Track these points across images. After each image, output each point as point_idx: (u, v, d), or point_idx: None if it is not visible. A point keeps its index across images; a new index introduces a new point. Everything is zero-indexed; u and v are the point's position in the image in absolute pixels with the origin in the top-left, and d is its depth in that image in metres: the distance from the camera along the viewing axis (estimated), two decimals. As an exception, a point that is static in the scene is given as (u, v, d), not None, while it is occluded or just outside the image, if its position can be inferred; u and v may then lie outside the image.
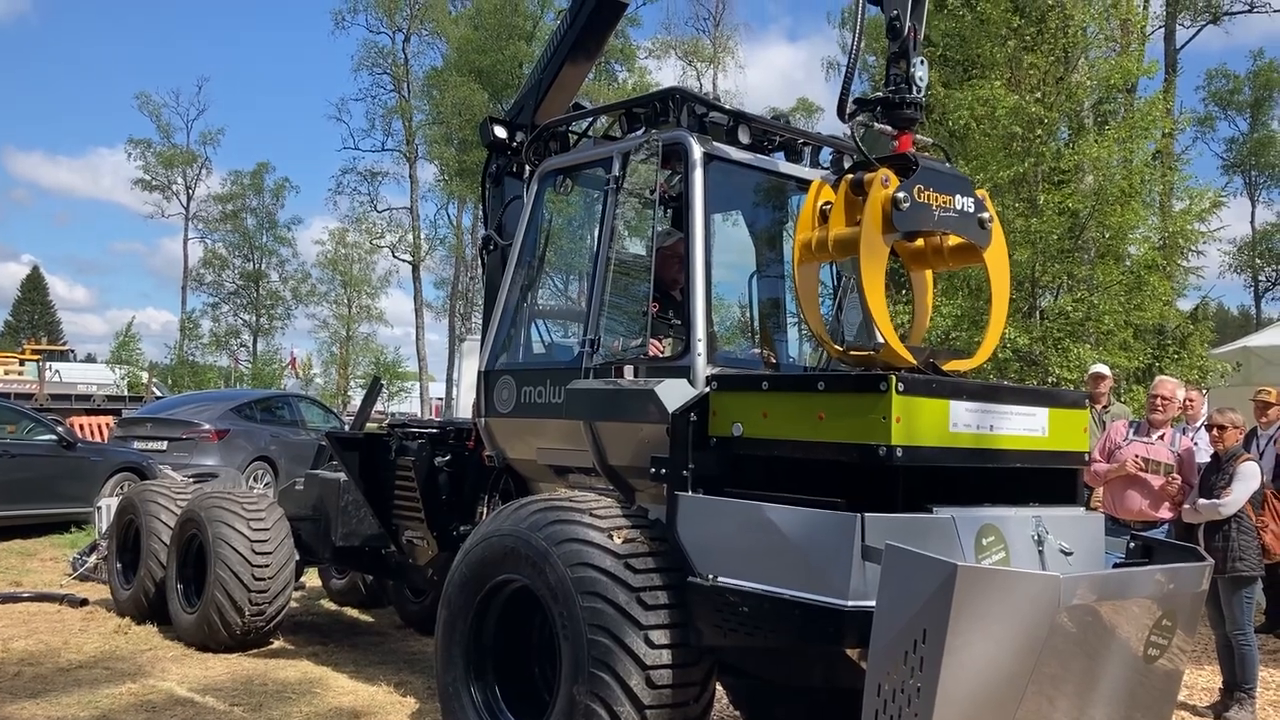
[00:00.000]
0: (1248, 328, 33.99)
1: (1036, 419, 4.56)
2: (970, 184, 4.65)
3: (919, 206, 4.34)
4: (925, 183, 4.39)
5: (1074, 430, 4.73)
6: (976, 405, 4.30)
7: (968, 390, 4.35)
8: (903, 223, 4.32)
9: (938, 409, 4.13)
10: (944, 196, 4.46)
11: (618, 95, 37.74)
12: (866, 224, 4.29)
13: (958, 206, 4.52)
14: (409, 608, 8.26)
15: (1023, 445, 4.50)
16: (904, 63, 4.54)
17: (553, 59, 6.49)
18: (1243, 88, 45.12)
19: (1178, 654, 4.15)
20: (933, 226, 4.48)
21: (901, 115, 4.58)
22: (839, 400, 4.16)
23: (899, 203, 4.27)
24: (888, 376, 4.01)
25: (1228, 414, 6.70)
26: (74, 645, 7.22)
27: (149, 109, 54.84)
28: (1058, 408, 4.68)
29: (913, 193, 4.31)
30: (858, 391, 4.12)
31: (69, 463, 12.71)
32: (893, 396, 3.95)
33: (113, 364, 39.25)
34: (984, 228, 4.62)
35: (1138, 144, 14.45)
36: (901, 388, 3.99)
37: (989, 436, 4.34)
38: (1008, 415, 4.45)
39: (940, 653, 3.27)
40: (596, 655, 4.10)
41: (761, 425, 4.40)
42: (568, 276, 6.90)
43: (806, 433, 4.21)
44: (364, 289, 54.78)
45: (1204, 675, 7.03)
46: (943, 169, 4.57)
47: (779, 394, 4.42)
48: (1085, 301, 13.87)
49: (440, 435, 6.65)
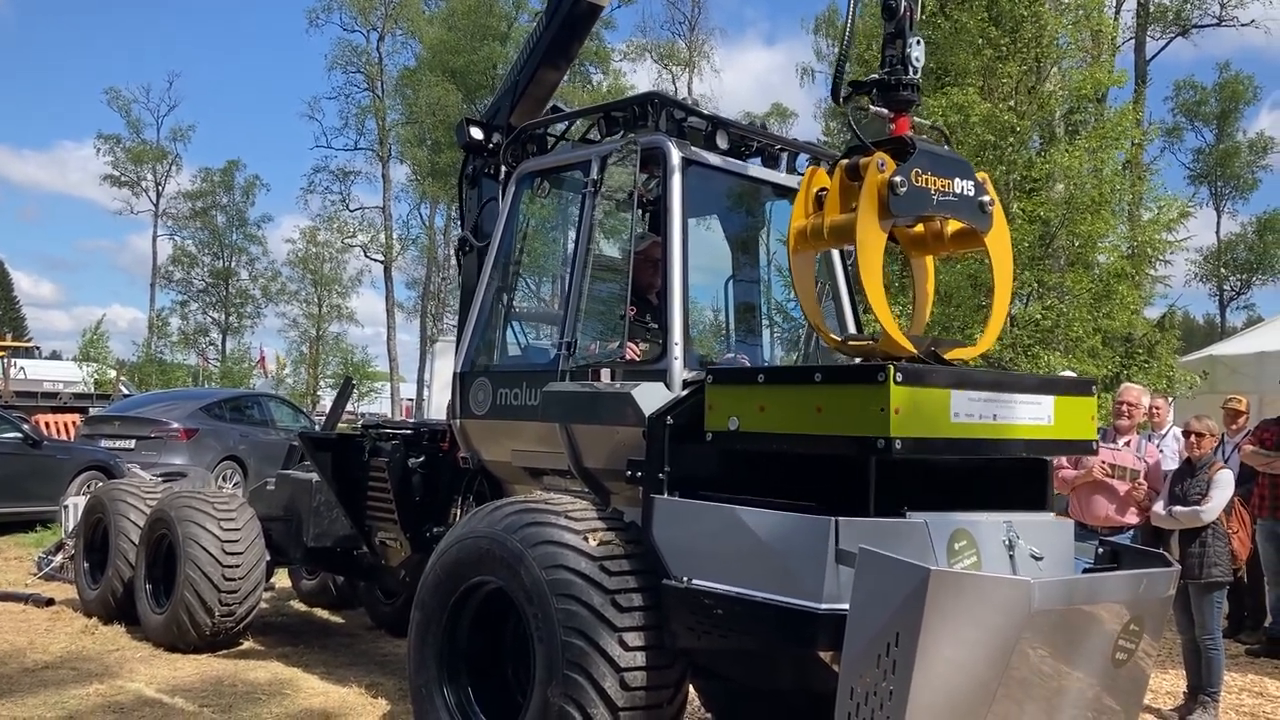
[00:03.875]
0: (1213, 336, 34.45)
1: (1042, 408, 4.46)
2: (970, 167, 4.54)
3: (917, 190, 4.24)
4: (923, 166, 4.28)
5: (1081, 419, 4.62)
6: (980, 395, 4.19)
7: (970, 379, 4.25)
8: (900, 207, 4.21)
9: (938, 399, 4.03)
10: (943, 180, 4.35)
11: (593, 98, 37.73)
12: (863, 209, 4.18)
13: (957, 190, 4.41)
14: (380, 609, 8.23)
15: (1029, 434, 4.40)
16: (900, 43, 4.42)
17: (528, 61, 6.49)
18: (1209, 99, 45.74)
19: (1145, 658, 4.20)
20: (931, 211, 4.38)
21: (898, 97, 4.44)
22: (837, 392, 4.06)
23: (896, 187, 4.16)
24: (886, 367, 3.91)
25: (1205, 421, 6.77)
26: (40, 645, 7.15)
27: (119, 104, 54.37)
28: (1065, 395, 4.58)
29: (910, 176, 4.21)
30: (855, 383, 4.01)
31: (35, 461, 12.58)
32: (891, 387, 3.85)
33: (80, 361, 38.76)
34: (985, 211, 4.52)
35: (1108, 154, 14.63)
36: (900, 378, 3.88)
37: (994, 426, 4.24)
38: (1013, 404, 4.34)
39: (913, 656, 3.30)
40: (570, 657, 4.11)
41: (759, 419, 4.28)
42: (544, 279, 6.90)
43: (804, 426, 4.10)
44: (335, 288, 54.45)
45: (1168, 679, 7.12)
46: (941, 152, 4.46)
47: (776, 387, 4.32)
48: (1055, 309, 14.02)
49: (414, 436, 6.64)
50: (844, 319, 6.04)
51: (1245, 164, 46.27)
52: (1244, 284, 47.31)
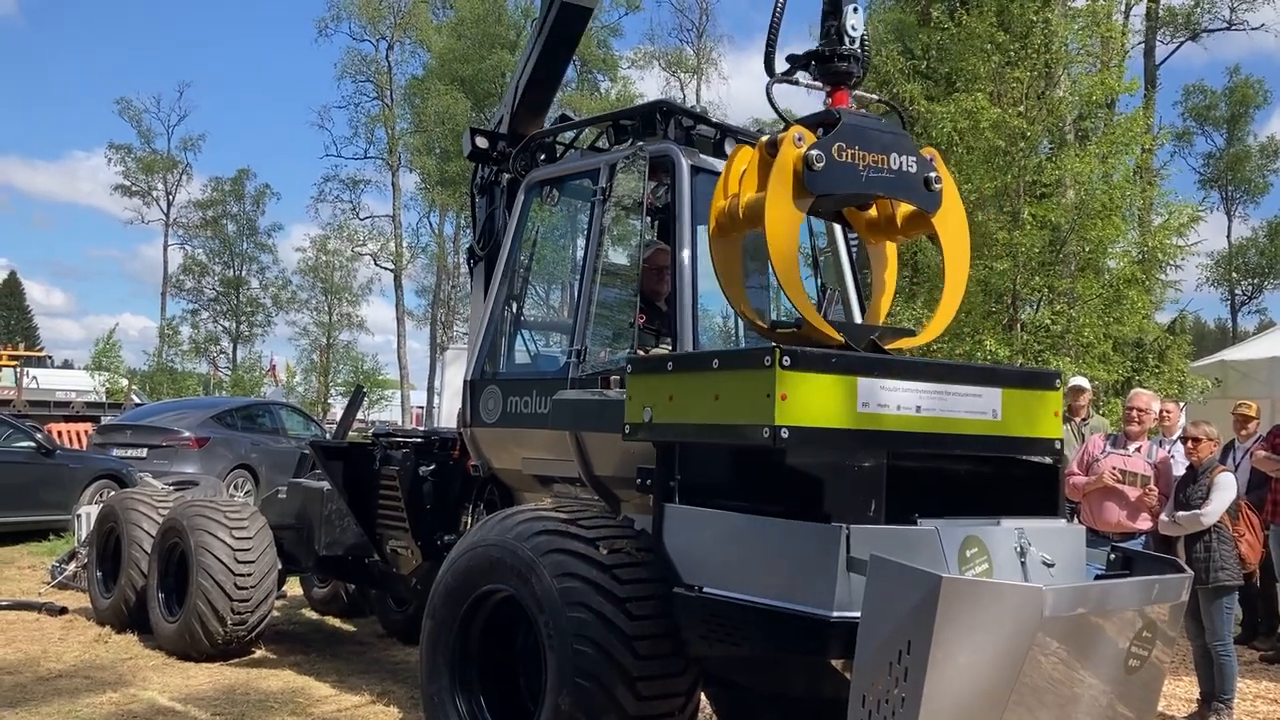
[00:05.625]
0: (1224, 341, 34.34)
1: (985, 400, 4.18)
2: (911, 141, 4.24)
3: (840, 166, 3.97)
4: (849, 140, 4.01)
5: (1039, 415, 4.29)
6: (898, 384, 3.92)
7: (884, 366, 3.95)
8: (818, 184, 3.96)
9: (840, 386, 3.77)
10: (875, 155, 4.06)
11: (601, 106, 37.82)
12: (772, 186, 3.94)
13: (893, 166, 4.11)
14: (391, 617, 8.24)
15: (967, 430, 4.11)
16: (838, 15, 4.22)
17: (524, 68, 6.49)
18: (1219, 103, 45.65)
19: (1158, 665, 4.18)
20: (862, 189, 4.13)
21: (832, 69, 4.23)
22: (731, 379, 3.86)
23: (811, 162, 3.91)
24: (773, 349, 3.68)
25: (1202, 426, 6.78)
26: (53, 654, 7.18)
27: (130, 114, 54.66)
28: (1017, 388, 4.27)
29: (830, 151, 3.94)
30: (743, 368, 3.80)
31: (48, 470, 12.63)
32: (777, 372, 3.61)
33: (92, 370, 38.93)
34: (931, 190, 4.23)
35: (1118, 159, 14.59)
36: (787, 361, 3.65)
37: (917, 419, 3.97)
38: (943, 396, 4.04)
39: (925, 664, 3.29)
40: (582, 666, 4.10)
41: (668, 409, 4.11)
42: (553, 287, 6.92)
43: (705, 415, 3.92)
44: (345, 296, 54.61)
45: (1182, 685, 7.08)
46: (876, 125, 4.17)
47: (681, 375, 4.13)
48: (1065, 314, 13.98)
49: (425, 445, 6.65)
50: (850, 307, 5.92)
51: (1256, 168, 46.23)
52: (1255, 288, 47.23)
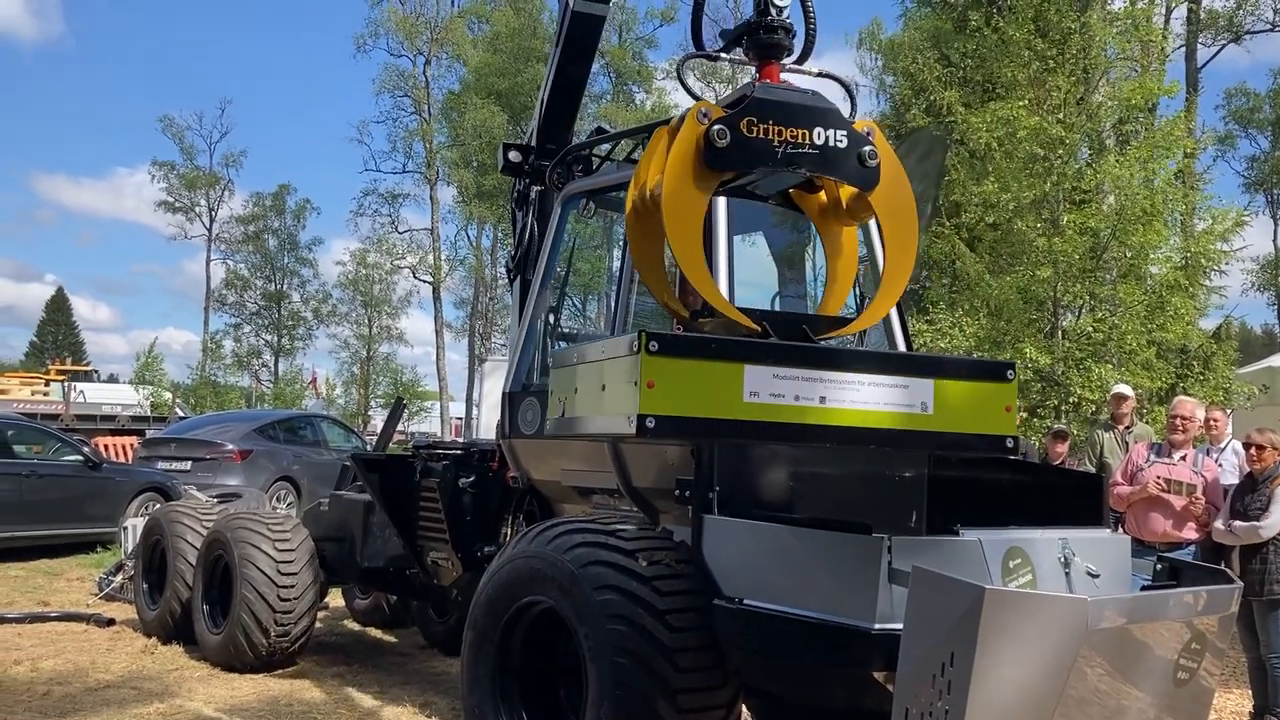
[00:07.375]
0: (1272, 346, 33.73)
1: (912, 392, 4.00)
2: (840, 115, 4.00)
3: (749, 142, 3.77)
4: (761, 115, 3.82)
5: (984, 409, 4.08)
6: (793, 372, 3.74)
7: (776, 353, 3.77)
8: (724, 162, 3.79)
9: (722, 375, 3.63)
10: (794, 130, 3.84)
11: (637, 118, 37.91)
12: (671, 165, 3.77)
13: (816, 141, 3.88)
14: (433, 628, 8.28)
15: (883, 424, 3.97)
16: None
17: (547, 80, 6.51)
18: (1263, 106, 44.93)
19: (1207, 677, 4.11)
20: (777, 165, 3.93)
21: (760, 41, 4.08)
22: (610, 368, 3.76)
23: (714, 138, 3.74)
24: (639, 334, 3.54)
25: (1268, 434, 6.56)
26: (102, 665, 7.28)
27: (172, 131, 55.55)
28: (953, 379, 4.07)
29: (738, 126, 3.76)
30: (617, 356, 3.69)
31: (95, 483, 12.84)
32: (642, 358, 3.49)
33: (136, 384, 39.50)
34: (865, 166, 3.98)
35: (1159, 163, 14.43)
36: (654, 346, 3.52)
37: (816, 410, 3.79)
38: (850, 386, 3.87)
39: (968, 676, 3.26)
40: (622, 678, 4.09)
41: (574, 403, 4.02)
42: (591, 298, 6.94)
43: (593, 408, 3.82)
44: (384, 309, 55.07)
45: (1233, 698, 6.96)
46: (798, 99, 3.97)
47: (581, 366, 4.04)
48: (1107, 321, 13.83)
49: (465, 456, 6.69)
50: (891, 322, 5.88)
51: (1302, 170, 45.40)
52: (1303, 293, 46.31)
